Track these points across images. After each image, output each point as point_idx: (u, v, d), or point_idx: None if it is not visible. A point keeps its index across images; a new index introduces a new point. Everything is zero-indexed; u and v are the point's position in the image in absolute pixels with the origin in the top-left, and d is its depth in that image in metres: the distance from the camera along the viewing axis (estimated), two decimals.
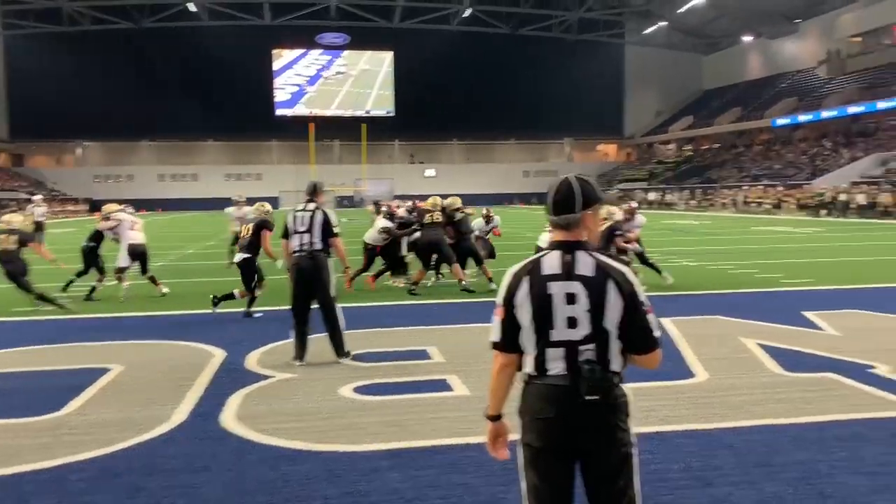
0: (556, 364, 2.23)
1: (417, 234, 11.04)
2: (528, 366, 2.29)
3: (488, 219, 12.65)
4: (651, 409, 4.96)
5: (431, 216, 10.70)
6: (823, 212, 34.70)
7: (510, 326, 2.30)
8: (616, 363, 2.23)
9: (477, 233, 11.97)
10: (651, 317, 2.24)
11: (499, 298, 2.33)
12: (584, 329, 2.21)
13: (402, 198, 27.87)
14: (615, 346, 2.22)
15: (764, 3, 59.12)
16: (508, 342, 2.31)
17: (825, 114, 51.41)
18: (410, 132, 69.78)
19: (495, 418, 2.41)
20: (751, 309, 8.85)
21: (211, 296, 9.16)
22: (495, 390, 2.38)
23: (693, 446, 4.26)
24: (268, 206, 9.44)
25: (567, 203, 2.29)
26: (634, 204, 11.71)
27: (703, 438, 4.39)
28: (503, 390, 2.38)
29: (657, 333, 2.25)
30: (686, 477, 3.80)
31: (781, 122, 55.43)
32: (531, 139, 73.85)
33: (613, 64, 73.39)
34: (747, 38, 65.97)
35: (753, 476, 3.79)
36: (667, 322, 7.92)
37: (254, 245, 8.93)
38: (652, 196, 55.75)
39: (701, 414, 4.87)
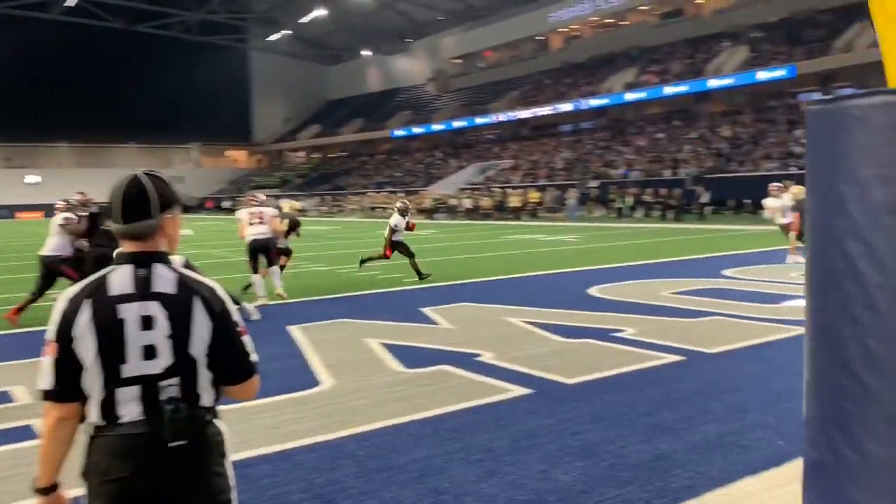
0: (131, 407, 1.78)
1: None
2: (94, 414, 1.80)
3: (404, 212, 12.17)
4: (275, 425, 4.69)
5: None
6: (437, 215, 38.38)
7: (67, 367, 1.79)
8: (207, 397, 1.86)
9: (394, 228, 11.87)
10: (246, 339, 1.92)
11: (50, 332, 1.81)
12: (164, 359, 1.79)
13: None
14: (204, 376, 1.84)
15: (378, 21, 63.55)
16: (65, 388, 1.80)
17: (435, 127, 57.16)
18: (4, 133, 60.35)
19: (49, 489, 1.86)
20: (375, 309, 9.16)
21: None
22: (49, 455, 1.84)
23: (315, 461, 4.07)
24: None
25: (140, 207, 1.85)
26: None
27: (325, 451, 4.24)
28: (60, 453, 1.84)
29: (254, 358, 1.94)
30: (308, 497, 3.59)
31: (399, 133, 60.20)
32: (155, 143, 69.26)
33: (239, 69, 72.48)
34: (366, 53, 70.27)
35: (374, 484, 3.72)
36: (294, 330, 7.77)
37: None
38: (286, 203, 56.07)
39: (324, 424, 4.73)
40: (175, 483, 1.78)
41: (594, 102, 46.25)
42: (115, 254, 1.90)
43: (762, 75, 37.91)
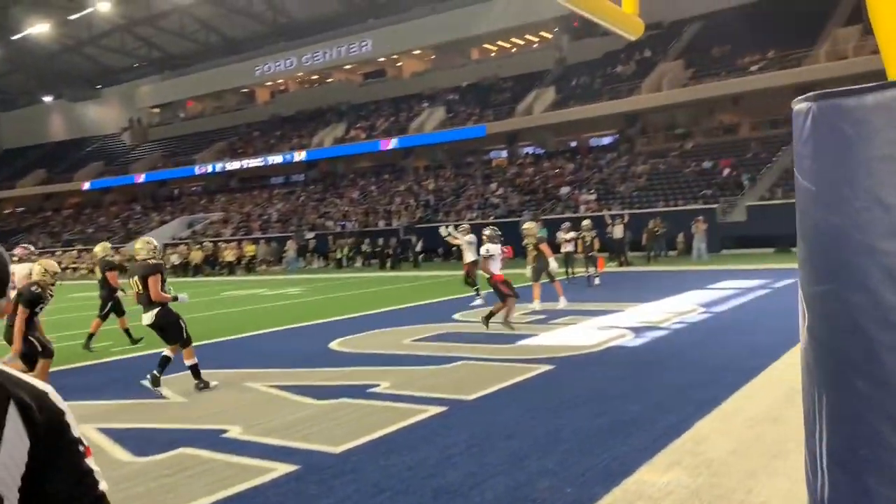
0: None
1: None
2: None
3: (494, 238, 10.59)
4: None
5: None
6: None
7: None
8: None
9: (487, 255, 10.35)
10: (90, 462, 1.24)
11: None
12: None
13: None
14: None
15: (63, 65, 57.60)
16: None
17: (133, 178, 52.89)
18: None
19: None
20: (82, 388, 7.73)
21: None
22: None
23: None
24: None
25: None
26: None
27: None
28: None
29: (102, 487, 1.24)
30: None
31: (91, 185, 54.55)
32: None
33: None
34: (48, 99, 63.08)
35: None
36: None
37: None
38: None
39: None
40: None
41: (305, 155, 46.33)
42: None
43: (458, 134, 41.04)
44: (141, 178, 52.67)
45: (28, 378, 1.27)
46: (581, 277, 17.44)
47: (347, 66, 52.19)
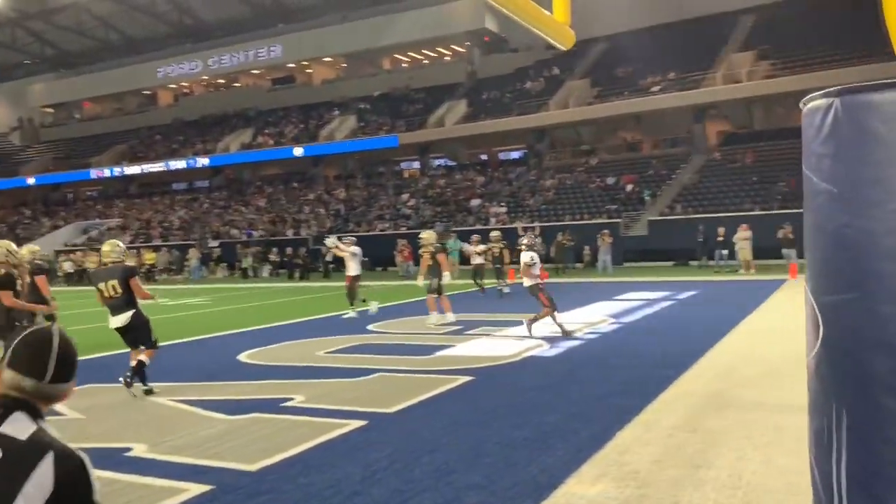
0: None
1: None
2: None
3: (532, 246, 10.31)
4: None
5: None
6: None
7: None
8: None
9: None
10: None
11: None
12: None
13: None
14: None
15: None
16: None
17: (22, 181, 49.81)
18: None
19: None
20: None
21: None
22: None
23: None
24: None
25: (68, 368, 1.75)
26: None
27: None
28: None
29: None
30: None
31: None
32: None
33: None
34: None
35: None
36: None
37: None
38: None
39: None
40: None
41: (209, 161, 44.89)
42: None
43: (370, 144, 40.77)
44: (31, 180, 49.67)
45: (70, 447, 1.63)
46: (491, 289, 17.56)
47: (255, 71, 51.04)
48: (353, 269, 13.91)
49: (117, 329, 7.23)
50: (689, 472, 4.27)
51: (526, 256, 10.22)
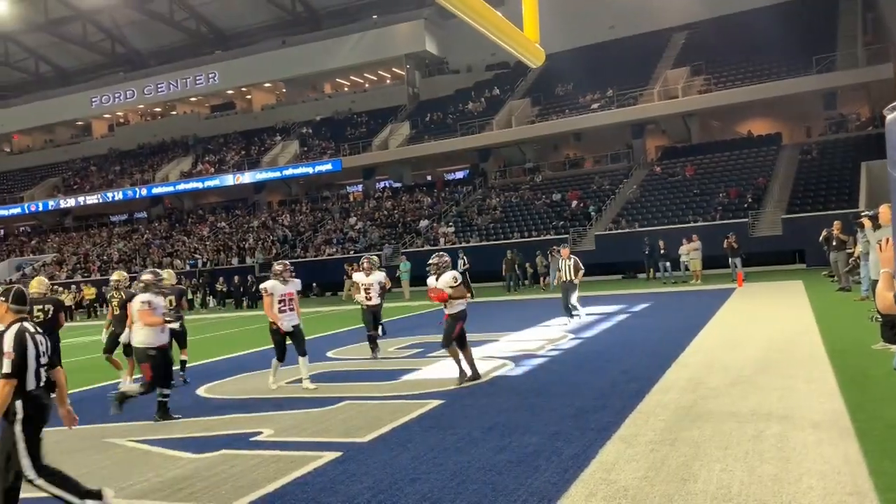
0: None
1: None
2: None
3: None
4: None
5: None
6: None
7: None
8: None
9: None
10: None
11: None
12: None
13: None
14: None
15: None
16: None
17: None
18: None
19: None
20: None
21: None
22: None
23: None
24: None
25: None
26: None
27: None
28: None
29: None
30: None
31: None
32: None
33: None
34: None
35: None
36: None
37: None
38: None
39: None
40: None
41: (147, 191, 43.83)
42: None
43: (313, 168, 40.41)
44: None
45: None
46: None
47: (193, 98, 50.22)
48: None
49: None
50: (678, 487, 4.25)
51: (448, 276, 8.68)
